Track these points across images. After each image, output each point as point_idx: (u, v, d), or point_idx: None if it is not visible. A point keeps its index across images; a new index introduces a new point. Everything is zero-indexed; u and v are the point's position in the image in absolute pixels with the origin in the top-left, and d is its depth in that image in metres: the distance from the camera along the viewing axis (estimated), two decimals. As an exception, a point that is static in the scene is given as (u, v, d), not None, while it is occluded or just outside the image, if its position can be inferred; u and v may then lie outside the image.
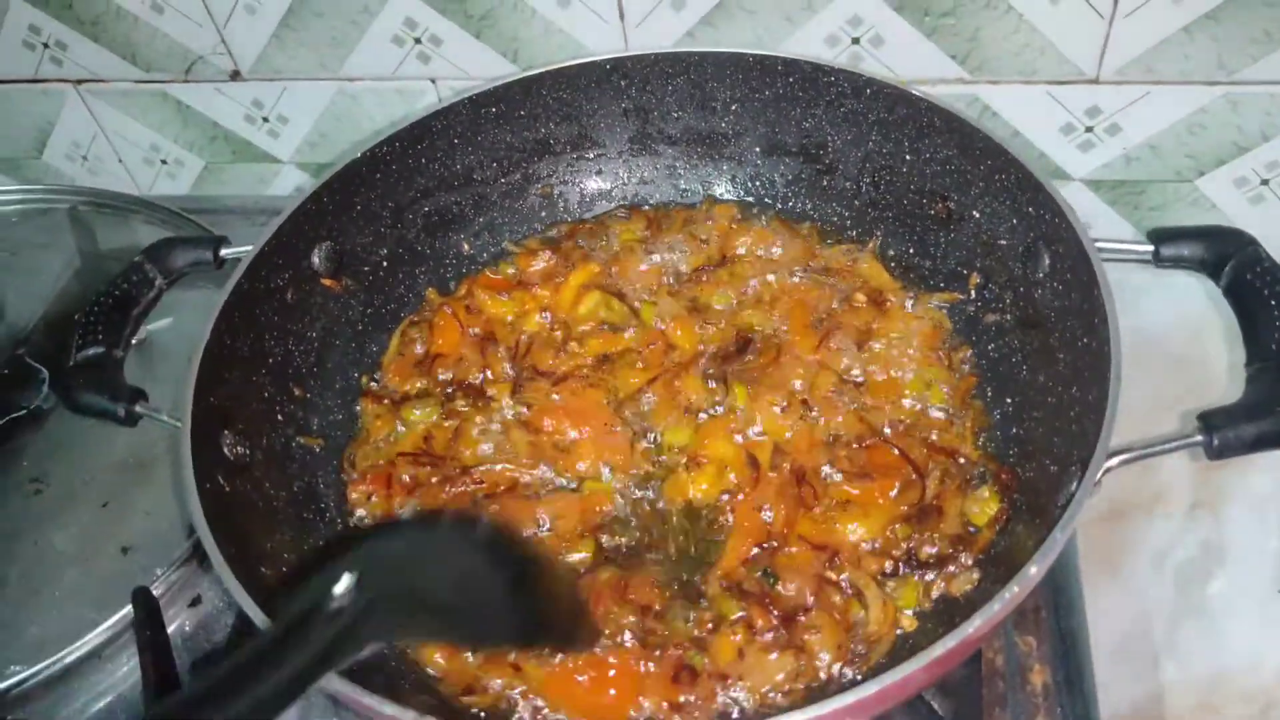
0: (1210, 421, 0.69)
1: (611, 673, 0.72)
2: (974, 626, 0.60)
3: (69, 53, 1.29)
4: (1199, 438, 0.69)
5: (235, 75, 1.27)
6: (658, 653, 0.74)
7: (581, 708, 0.75)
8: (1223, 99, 1.07)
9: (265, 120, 1.32)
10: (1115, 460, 0.69)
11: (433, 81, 1.23)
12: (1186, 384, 1.06)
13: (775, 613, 0.77)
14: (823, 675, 0.75)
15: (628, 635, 0.76)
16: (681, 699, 0.74)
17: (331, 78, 1.25)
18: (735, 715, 0.74)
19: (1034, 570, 0.61)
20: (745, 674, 0.76)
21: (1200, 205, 1.17)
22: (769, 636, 0.76)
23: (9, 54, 1.30)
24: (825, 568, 0.79)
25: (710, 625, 0.77)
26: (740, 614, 0.77)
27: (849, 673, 0.75)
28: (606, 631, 0.76)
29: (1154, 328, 1.11)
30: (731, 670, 0.75)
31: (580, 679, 0.75)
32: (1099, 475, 0.67)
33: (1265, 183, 1.13)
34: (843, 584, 0.79)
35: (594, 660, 0.74)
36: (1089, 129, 1.12)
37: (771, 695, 0.75)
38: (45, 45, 1.28)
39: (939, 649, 0.58)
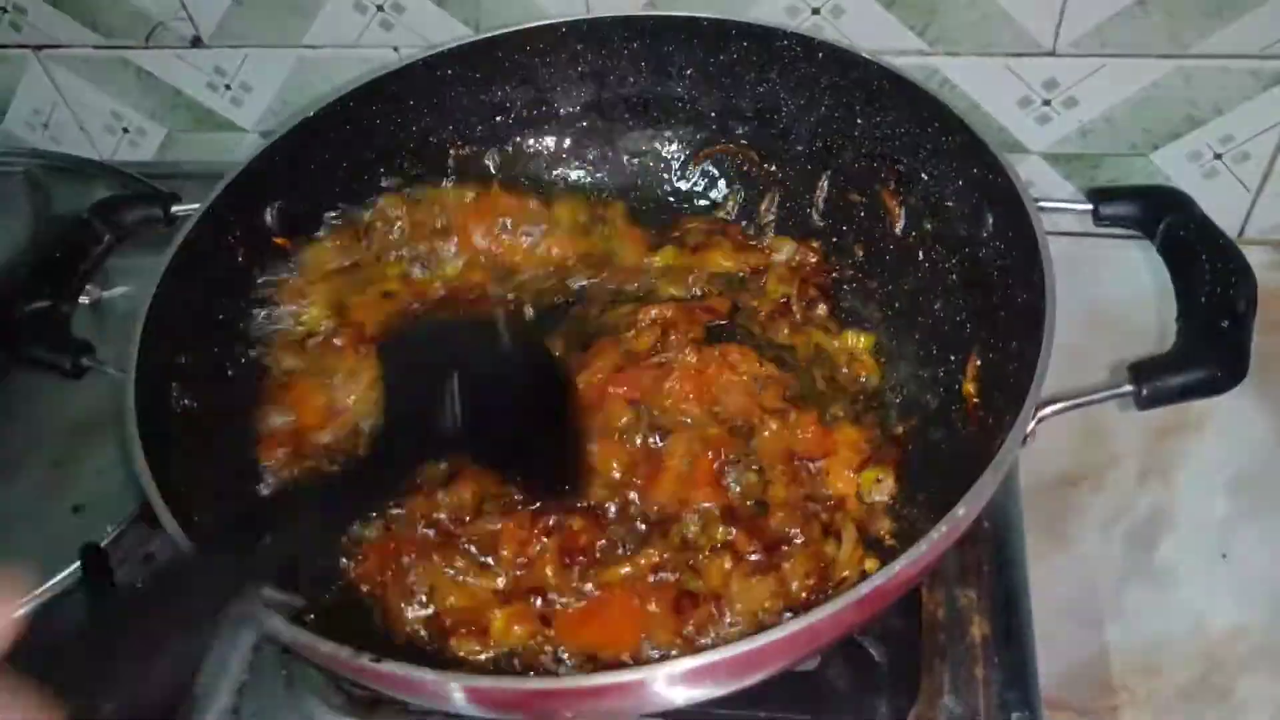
0: (1140, 372, 0.71)
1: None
2: (900, 565, 0.61)
3: (28, 17, 1.27)
4: (1128, 387, 0.70)
5: (196, 42, 1.27)
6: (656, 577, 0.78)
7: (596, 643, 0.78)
8: (1176, 72, 1.08)
9: (228, 88, 1.32)
10: (1047, 410, 0.70)
11: (395, 50, 1.23)
12: (1139, 351, 1.10)
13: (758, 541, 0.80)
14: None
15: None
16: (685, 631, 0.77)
17: (294, 45, 1.25)
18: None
19: (962, 511, 0.62)
20: (736, 597, 0.78)
21: (1155, 179, 1.18)
22: (753, 558, 0.79)
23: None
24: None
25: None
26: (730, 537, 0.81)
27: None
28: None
29: (1107, 296, 1.13)
30: (724, 593, 0.78)
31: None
32: (1031, 425, 0.68)
33: (1219, 157, 1.14)
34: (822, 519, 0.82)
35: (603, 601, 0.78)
36: (1046, 102, 1.13)
37: (761, 617, 0.77)
38: (4, 9, 1.27)
39: (865, 587, 0.60)
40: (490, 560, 0.83)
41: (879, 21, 1.09)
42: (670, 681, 0.65)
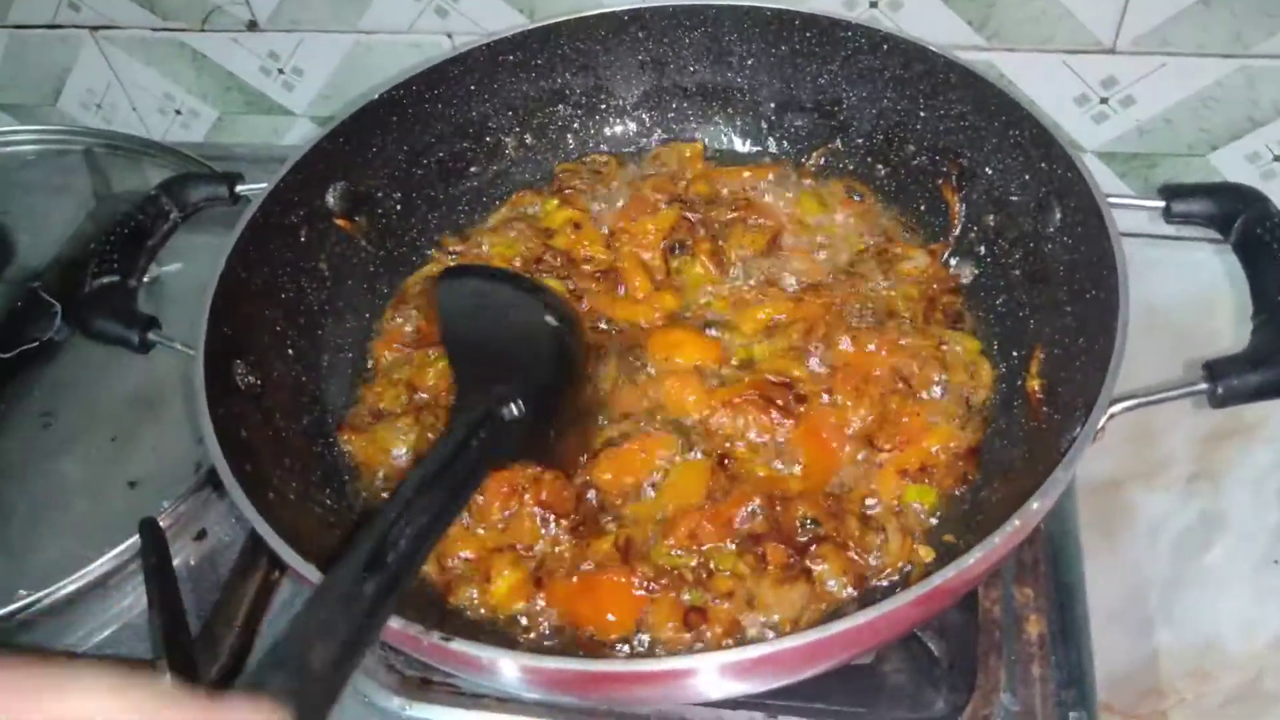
0: (1215, 369, 0.70)
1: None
2: (973, 559, 0.61)
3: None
4: (1203, 385, 0.70)
5: (252, 25, 1.28)
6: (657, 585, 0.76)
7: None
8: (1239, 72, 1.07)
9: (280, 72, 1.33)
10: (1119, 407, 0.70)
11: (449, 36, 1.24)
12: (1193, 355, 1.10)
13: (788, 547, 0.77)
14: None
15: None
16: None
17: (348, 30, 1.26)
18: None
19: (1036, 505, 0.62)
20: (771, 606, 0.76)
21: (1213, 180, 1.17)
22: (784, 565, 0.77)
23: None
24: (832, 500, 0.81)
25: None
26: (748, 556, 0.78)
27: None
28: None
29: (1163, 300, 1.12)
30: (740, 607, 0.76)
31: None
32: (1103, 421, 0.68)
33: (1278, 159, 1.13)
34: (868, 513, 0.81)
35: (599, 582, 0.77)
36: (1104, 100, 1.13)
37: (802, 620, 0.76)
38: None
39: (936, 579, 0.59)
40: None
41: (936, 14, 1.09)
42: (733, 671, 0.65)
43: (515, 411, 0.73)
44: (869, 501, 0.81)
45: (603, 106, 1.10)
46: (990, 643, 0.83)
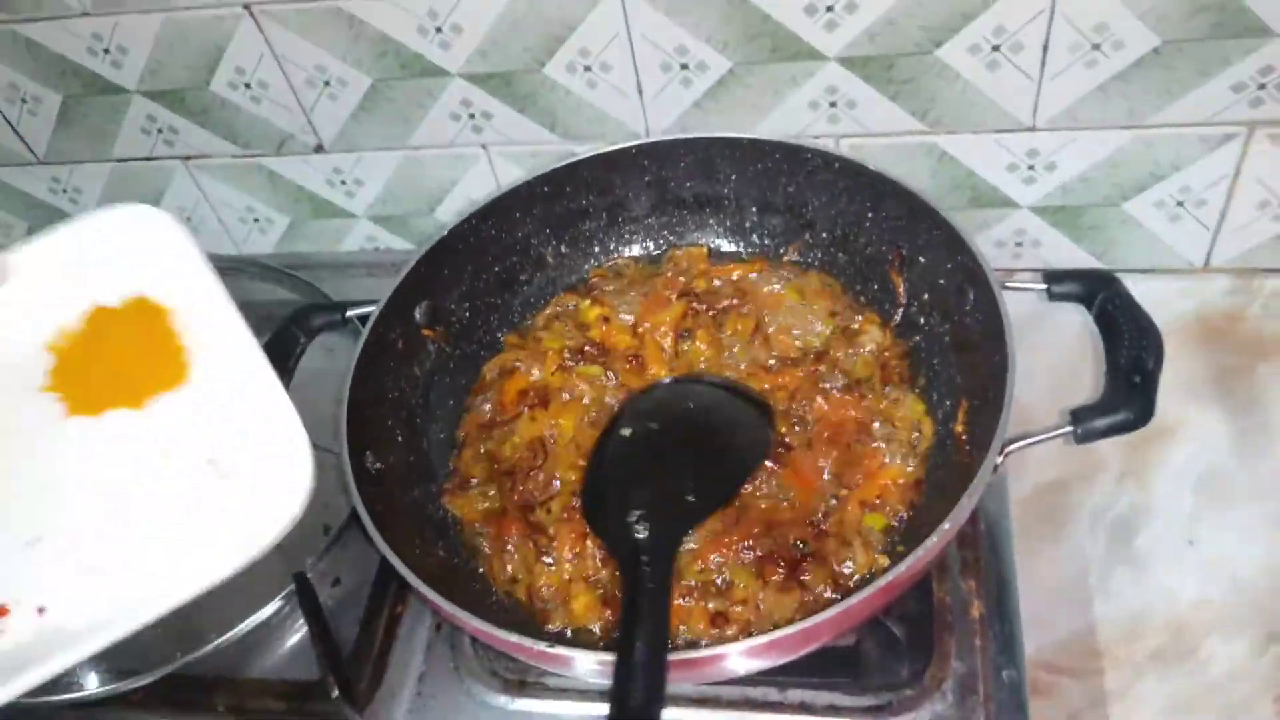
0: (1077, 415, 0.90)
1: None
2: (903, 568, 0.84)
3: (179, 135, 1.49)
4: (1069, 428, 0.90)
5: (319, 149, 1.48)
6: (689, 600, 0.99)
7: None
8: (1137, 140, 1.21)
9: (343, 184, 1.53)
10: (1013, 447, 0.90)
11: (484, 148, 1.43)
12: (1072, 389, 1.27)
13: (783, 564, 0.97)
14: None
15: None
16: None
17: (399, 147, 1.46)
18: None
19: (946, 526, 0.83)
20: (772, 610, 0.95)
21: (1129, 223, 1.35)
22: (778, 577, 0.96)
23: (129, 138, 1.51)
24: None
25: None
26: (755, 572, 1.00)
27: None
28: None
29: (1050, 348, 1.30)
30: (753, 611, 0.98)
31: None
32: (999, 459, 0.88)
33: (1180, 204, 1.31)
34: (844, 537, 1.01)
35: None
36: (1030, 167, 1.30)
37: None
38: (159, 130, 1.49)
39: (882, 581, 0.83)
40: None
41: (886, 109, 1.27)
42: (749, 654, 0.87)
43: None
44: (842, 525, 1.03)
45: (620, 218, 1.28)
46: (943, 623, 1.02)
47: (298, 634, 1.15)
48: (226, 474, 0.96)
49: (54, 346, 1.05)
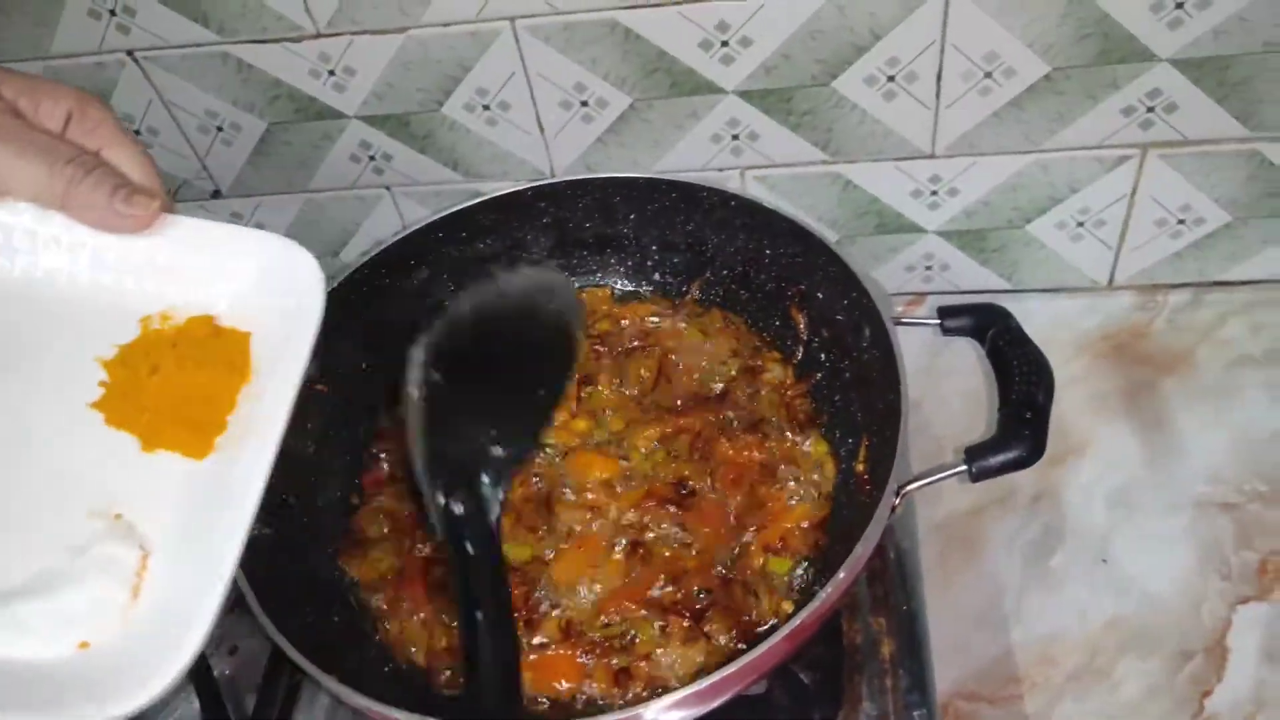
0: (971, 454, 0.91)
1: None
2: (803, 615, 0.83)
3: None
4: (963, 467, 0.90)
5: (216, 194, 1.44)
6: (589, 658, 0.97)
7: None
8: (1034, 164, 1.23)
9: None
10: (909, 488, 0.89)
11: (387, 188, 1.41)
12: (989, 413, 1.28)
13: (687, 614, 0.98)
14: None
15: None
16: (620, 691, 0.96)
17: (300, 191, 1.44)
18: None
19: (843, 575, 0.83)
20: (677, 664, 0.95)
21: (1033, 245, 1.36)
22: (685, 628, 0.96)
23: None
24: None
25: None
26: (659, 624, 0.99)
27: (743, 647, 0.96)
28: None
29: (961, 374, 1.31)
30: (656, 665, 0.97)
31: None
32: (895, 500, 0.89)
33: (1080, 224, 1.33)
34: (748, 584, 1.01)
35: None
36: (934, 193, 1.32)
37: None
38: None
39: (783, 631, 0.81)
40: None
41: (788, 140, 1.27)
42: (666, 709, 0.85)
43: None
44: (747, 571, 1.02)
45: (520, 258, 1.28)
46: (854, 664, 1.00)
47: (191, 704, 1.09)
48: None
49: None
